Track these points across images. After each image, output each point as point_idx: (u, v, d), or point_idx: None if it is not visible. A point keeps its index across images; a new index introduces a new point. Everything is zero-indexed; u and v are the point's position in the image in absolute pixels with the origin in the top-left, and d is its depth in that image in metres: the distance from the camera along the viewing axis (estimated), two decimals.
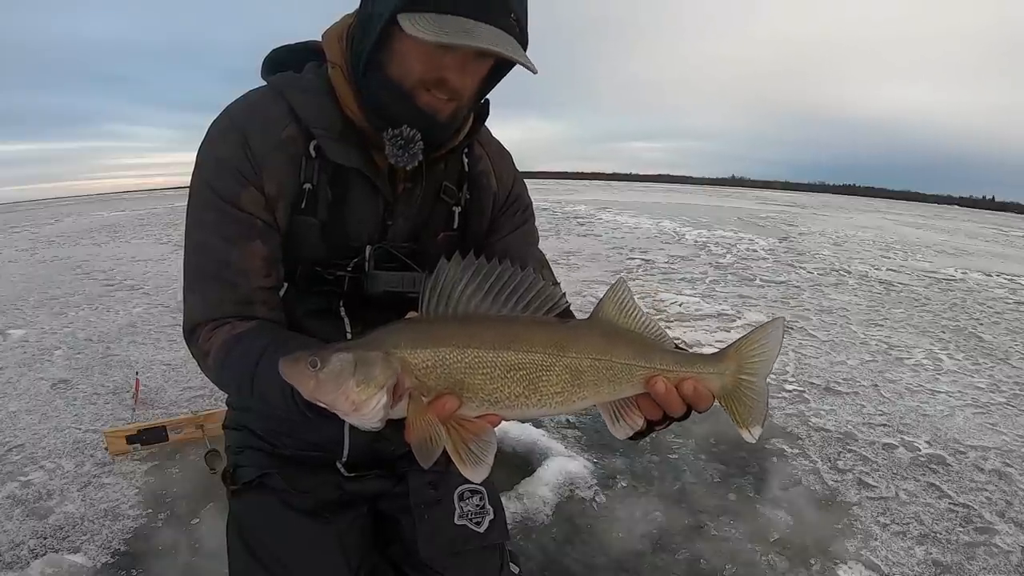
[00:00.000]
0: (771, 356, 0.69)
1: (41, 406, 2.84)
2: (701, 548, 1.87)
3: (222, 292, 0.85)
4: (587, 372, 0.62)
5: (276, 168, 0.85)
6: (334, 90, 0.86)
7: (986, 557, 1.87)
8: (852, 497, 2.18)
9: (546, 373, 0.61)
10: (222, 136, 0.86)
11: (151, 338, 3.88)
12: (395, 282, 0.90)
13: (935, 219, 17.97)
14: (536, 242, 1.07)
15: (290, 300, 0.92)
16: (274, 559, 0.97)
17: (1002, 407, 3.06)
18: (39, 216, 14.88)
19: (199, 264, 0.87)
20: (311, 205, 0.87)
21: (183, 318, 0.89)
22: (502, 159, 1.03)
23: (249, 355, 0.80)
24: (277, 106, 0.86)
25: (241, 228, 0.85)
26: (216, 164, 0.85)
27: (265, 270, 0.87)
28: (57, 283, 5.76)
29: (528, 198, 1.07)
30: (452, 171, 0.96)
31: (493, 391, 0.60)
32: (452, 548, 1.02)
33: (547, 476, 2.19)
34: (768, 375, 0.69)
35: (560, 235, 9.28)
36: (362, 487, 1.05)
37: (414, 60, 0.78)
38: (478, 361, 0.59)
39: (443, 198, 0.96)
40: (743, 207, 17.56)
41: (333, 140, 0.85)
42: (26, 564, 1.73)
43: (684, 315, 4.58)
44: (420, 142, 0.82)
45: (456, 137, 0.91)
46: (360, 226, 0.91)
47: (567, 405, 0.63)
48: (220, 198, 0.84)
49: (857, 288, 5.92)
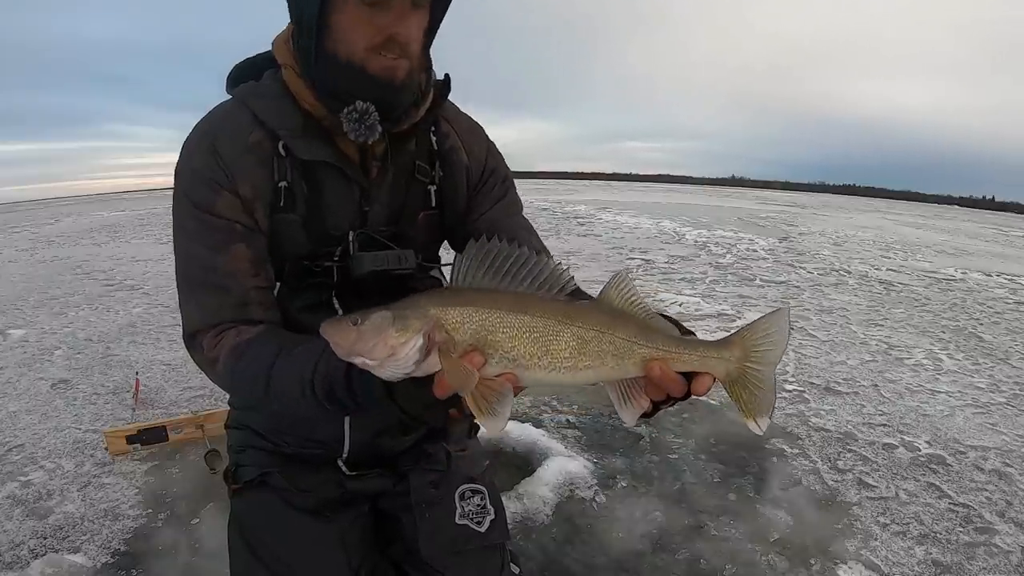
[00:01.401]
0: (779, 344, 0.69)
1: (41, 406, 2.84)
2: (701, 548, 1.87)
3: (216, 298, 0.88)
4: (592, 342, 0.67)
5: (248, 171, 0.88)
6: (290, 91, 0.89)
7: (986, 557, 1.87)
8: (852, 497, 2.18)
9: (557, 337, 0.66)
10: (194, 149, 0.89)
11: (151, 338, 3.89)
12: (380, 261, 0.91)
13: (935, 219, 17.97)
14: (519, 211, 1.07)
15: (283, 297, 0.94)
16: (275, 558, 0.97)
17: (1002, 407, 3.06)
18: (39, 216, 14.89)
19: (188, 273, 0.90)
20: (289, 201, 0.90)
21: (182, 327, 0.91)
22: (471, 133, 1.04)
23: (262, 358, 0.82)
24: (242, 114, 0.90)
25: (222, 234, 0.87)
26: (191, 176, 0.88)
27: (253, 271, 0.89)
28: (57, 283, 5.76)
29: (505, 168, 1.07)
30: (422, 150, 0.98)
31: (511, 348, 0.66)
32: (453, 547, 1.02)
33: (547, 476, 2.19)
34: (776, 364, 0.69)
35: (560, 235, 9.28)
36: (363, 486, 1.06)
37: (355, 31, 0.81)
38: (500, 321, 0.66)
39: (417, 177, 0.97)
40: (743, 207, 17.56)
41: (297, 138, 0.88)
42: (26, 564, 1.73)
43: (684, 315, 4.58)
44: (375, 113, 0.84)
45: (416, 111, 0.92)
46: (339, 215, 0.93)
47: (574, 373, 0.67)
48: (198, 208, 0.88)
49: (857, 288, 5.92)
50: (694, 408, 2.81)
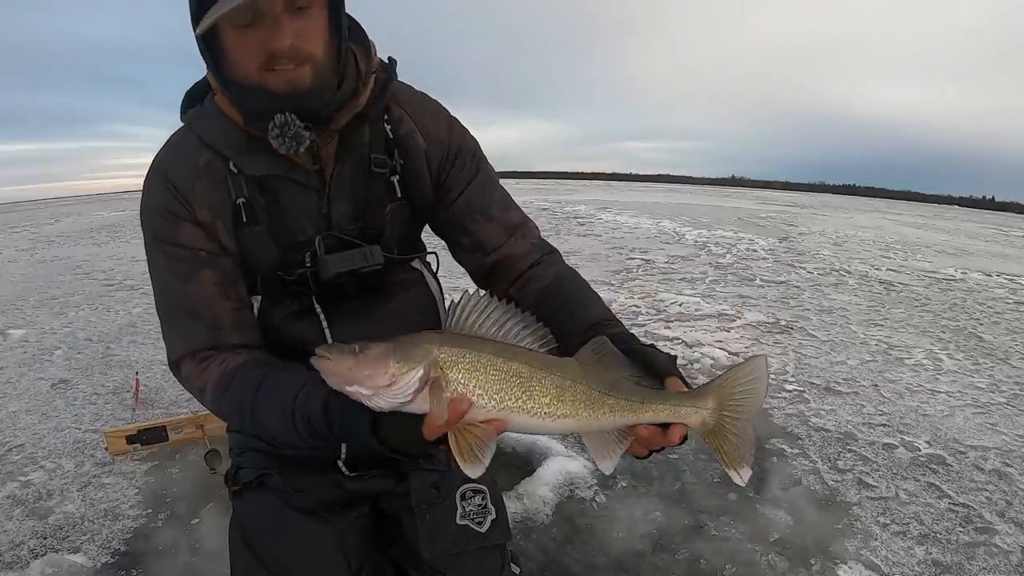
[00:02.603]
0: (756, 394, 0.72)
1: (41, 406, 2.84)
2: (701, 548, 1.87)
3: (191, 325, 0.90)
4: (568, 391, 0.70)
5: (203, 194, 0.89)
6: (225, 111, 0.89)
7: (986, 557, 1.87)
8: (852, 497, 2.18)
9: (539, 384, 0.70)
10: (151, 186, 0.91)
11: (151, 338, 3.88)
12: (347, 261, 0.91)
13: (935, 219, 17.95)
14: (493, 185, 1.04)
15: (265, 310, 0.95)
16: (275, 559, 0.97)
17: (1002, 407, 3.06)
18: (39, 216, 14.88)
19: (164, 305, 0.93)
20: (251, 215, 0.90)
21: (167, 356, 0.94)
22: (426, 113, 1.00)
23: (248, 386, 0.84)
24: (190, 139, 0.91)
25: (187, 263, 0.89)
26: (151, 213, 0.91)
27: (222, 293, 0.90)
28: (57, 283, 5.76)
29: (472, 141, 1.03)
30: (377, 141, 0.95)
31: (497, 391, 0.69)
32: (454, 548, 1.02)
33: (547, 476, 2.19)
34: (755, 414, 0.71)
35: (560, 235, 9.27)
36: (363, 486, 1.06)
37: (241, 55, 0.81)
38: (489, 363, 0.69)
39: (375, 170, 0.95)
40: (743, 207, 17.55)
41: (243, 155, 0.89)
42: (26, 564, 1.73)
43: (684, 315, 4.58)
44: (295, 121, 0.82)
45: (356, 102, 0.89)
46: (302, 222, 0.93)
47: (554, 419, 0.70)
48: (163, 242, 0.90)
49: (857, 288, 5.92)
50: None
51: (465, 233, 1.00)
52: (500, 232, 1.00)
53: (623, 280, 5.90)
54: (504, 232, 1.00)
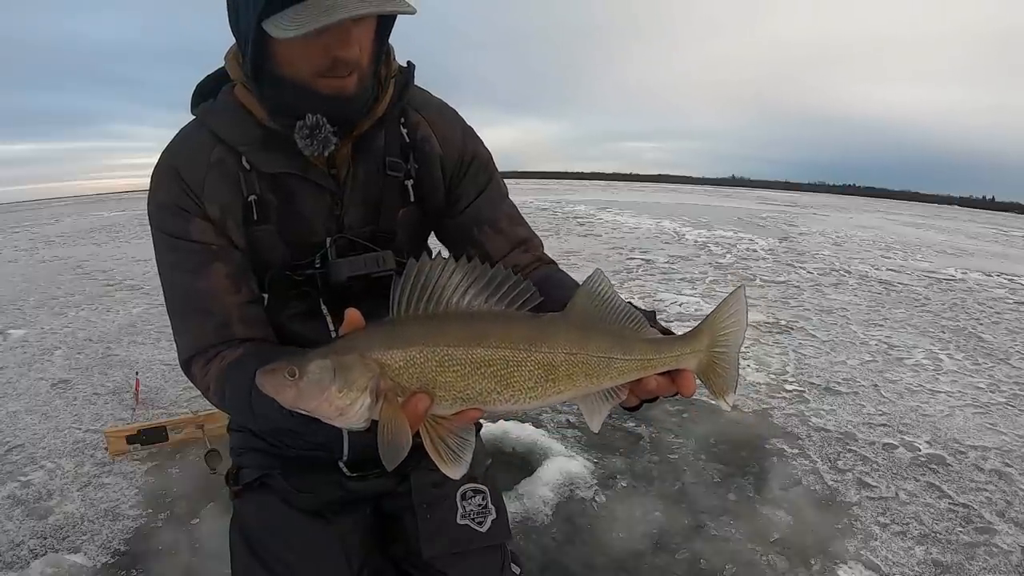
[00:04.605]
0: (741, 324, 0.70)
1: (41, 406, 2.84)
2: (701, 548, 1.87)
3: (201, 321, 0.88)
4: (561, 367, 0.62)
5: (214, 190, 0.88)
6: (244, 105, 0.88)
7: (986, 557, 1.87)
8: (852, 497, 2.18)
9: (518, 369, 0.60)
10: (160, 180, 0.89)
11: (151, 338, 3.89)
12: (358, 266, 0.90)
13: (935, 219, 17.96)
14: (503, 198, 1.03)
15: (272, 308, 0.94)
16: (276, 559, 0.97)
17: (1002, 407, 3.06)
18: (39, 216, 14.89)
19: (174, 302, 0.91)
20: (261, 214, 0.89)
21: (178, 356, 0.92)
22: (442, 119, 0.99)
23: (243, 381, 0.82)
24: (201, 134, 0.89)
25: (199, 258, 0.88)
26: (160, 209, 0.89)
27: (233, 287, 0.89)
28: (57, 283, 5.76)
29: (485, 151, 1.03)
30: (393, 144, 0.94)
31: (464, 388, 0.60)
32: (454, 548, 1.02)
33: (547, 476, 2.20)
34: (740, 343, 0.70)
35: (560, 235, 9.28)
36: (365, 486, 1.05)
37: (298, 57, 0.79)
38: (448, 359, 0.59)
39: (390, 174, 0.94)
40: (743, 207, 17.55)
41: (258, 151, 0.87)
42: (26, 564, 1.73)
43: (684, 315, 4.58)
44: (326, 125, 0.82)
45: (377, 107, 0.89)
46: (314, 223, 0.92)
47: (543, 399, 0.63)
48: (173, 237, 0.88)
49: (857, 288, 5.92)
50: (694, 408, 2.81)
51: (472, 243, 1.00)
52: (505, 245, 1.00)
53: (623, 280, 5.90)
54: (509, 245, 1.00)
